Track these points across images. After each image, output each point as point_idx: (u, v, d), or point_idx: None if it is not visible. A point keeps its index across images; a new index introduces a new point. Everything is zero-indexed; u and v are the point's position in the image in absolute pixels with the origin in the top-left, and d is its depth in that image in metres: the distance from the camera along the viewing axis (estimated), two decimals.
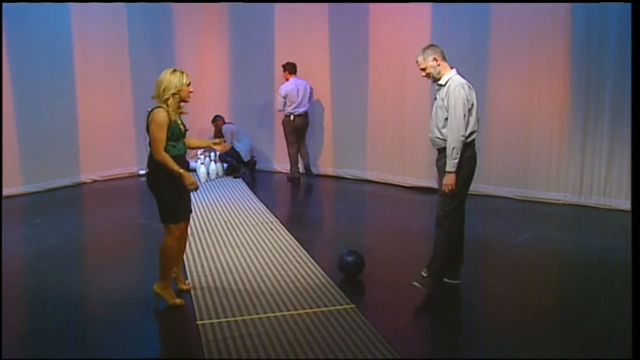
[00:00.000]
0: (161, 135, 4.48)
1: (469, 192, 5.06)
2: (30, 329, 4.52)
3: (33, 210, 7.97)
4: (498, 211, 7.75)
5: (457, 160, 4.78)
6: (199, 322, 4.44)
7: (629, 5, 6.49)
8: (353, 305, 4.70)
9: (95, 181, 9.48)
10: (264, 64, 10.08)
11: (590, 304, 4.85)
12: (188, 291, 5.00)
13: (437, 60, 4.88)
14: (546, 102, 7.92)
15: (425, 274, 5.04)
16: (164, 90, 4.51)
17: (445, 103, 4.82)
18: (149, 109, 4.62)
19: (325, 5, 9.44)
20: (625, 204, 7.25)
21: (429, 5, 8.49)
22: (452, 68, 4.94)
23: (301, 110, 9.38)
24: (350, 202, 8.51)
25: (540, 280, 5.48)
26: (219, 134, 10.07)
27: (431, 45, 4.98)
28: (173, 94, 4.52)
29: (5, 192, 8.14)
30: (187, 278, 5.30)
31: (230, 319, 4.48)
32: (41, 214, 7.65)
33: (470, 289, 5.16)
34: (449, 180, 4.81)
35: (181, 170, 4.52)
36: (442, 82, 4.90)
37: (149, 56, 9.95)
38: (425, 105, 8.71)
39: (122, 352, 4.08)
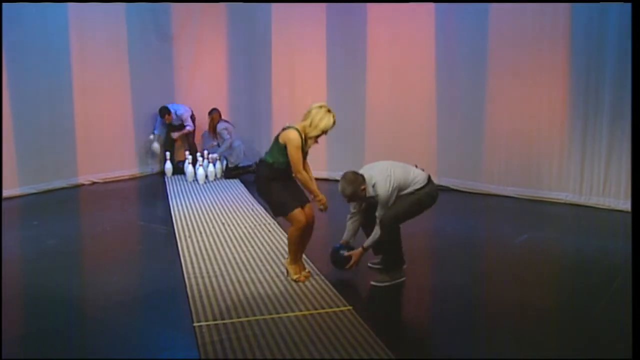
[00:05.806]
0: (299, 155, 4.94)
1: (472, 191, 5.04)
2: (30, 329, 4.51)
3: (31, 212, 7.94)
4: (499, 210, 7.75)
5: None
6: (195, 324, 4.42)
7: (629, 5, 6.47)
8: (350, 307, 4.67)
9: (94, 183, 9.45)
10: (262, 63, 10.05)
11: (590, 304, 4.82)
12: (307, 278, 5.21)
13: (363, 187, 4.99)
14: (546, 101, 7.91)
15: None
16: (314, 127, 4.94)
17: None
18: (285, 127, 5.01)
19: (324, 5, 9.43)
20: (625, 204, 7.23)
21: (432, 5, 8.49)
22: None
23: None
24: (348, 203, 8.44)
25: (539, 281, 5.46)
26: (214, 128, 10.02)
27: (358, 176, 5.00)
28: (317, 135, 4.97)
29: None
30: (185, 279, 5.29)
31: (227, 320, 4.46)
32: (39, 216, 7.62)
33: (468, 289, 5.14)
34: None
35: (316, 190, 5.08)
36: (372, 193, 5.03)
37: (148, 56, 9.94)
38: (428, 102, 8.76)
39: (120, 353, 4.06)
